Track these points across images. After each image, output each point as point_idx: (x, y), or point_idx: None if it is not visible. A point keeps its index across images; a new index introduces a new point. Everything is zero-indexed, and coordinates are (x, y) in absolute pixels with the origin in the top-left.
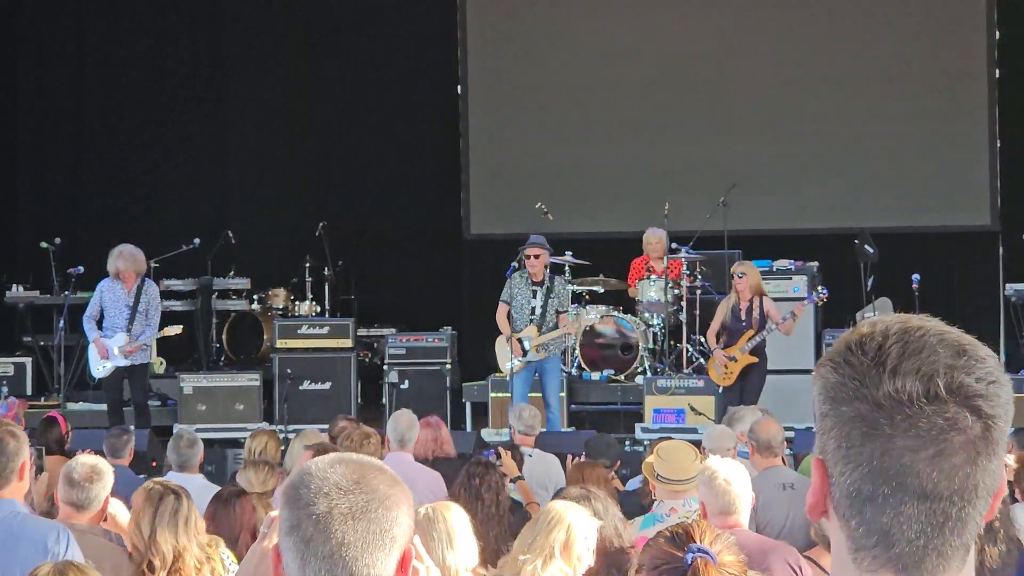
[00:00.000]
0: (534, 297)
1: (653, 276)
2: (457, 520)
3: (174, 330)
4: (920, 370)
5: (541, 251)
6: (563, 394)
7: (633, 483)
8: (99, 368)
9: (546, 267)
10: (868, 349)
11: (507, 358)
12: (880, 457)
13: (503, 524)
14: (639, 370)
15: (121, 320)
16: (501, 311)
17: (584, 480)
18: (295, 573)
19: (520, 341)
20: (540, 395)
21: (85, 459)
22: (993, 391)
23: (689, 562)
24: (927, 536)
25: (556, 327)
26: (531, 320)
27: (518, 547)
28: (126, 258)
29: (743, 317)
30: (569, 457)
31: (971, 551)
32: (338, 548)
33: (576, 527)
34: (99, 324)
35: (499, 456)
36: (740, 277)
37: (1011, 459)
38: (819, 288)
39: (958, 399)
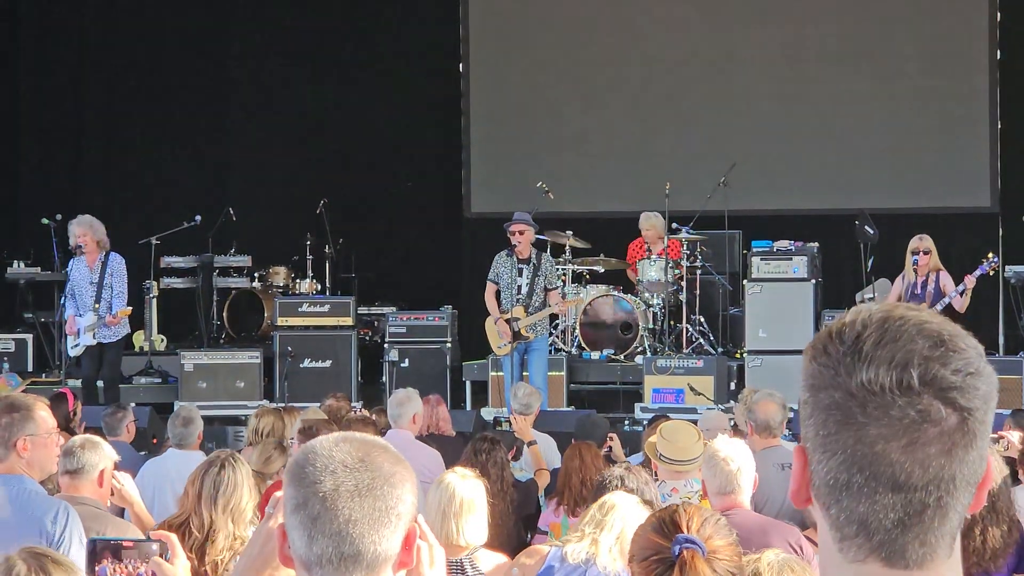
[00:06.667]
0: (520, 275)
1: (653, 256)
2: (475, 493)
3: (124, 311)
4: (894, 360)
5: (526, 227)
6: (561, 373)
7: (635, 458)
8: (71, 346)
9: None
10: (847, 338)
11: (497, 339)
12: (854, 445)
13: (507, 500)
14: (639, 350)
15: (87, 298)
16: (489, 291)
17: (582, 459)
18: (302, 551)
19: (508, 323)
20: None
21: (80, 435)
22: (970, 383)
23: (676, 553)
24: (905, 525)
25: (544, 305)
26: (518, 300)
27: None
28: (81, 222)
29: (919, 292)
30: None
31: (957, 540)
32: (345, 525)
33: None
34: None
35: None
36: (925, 254)
37: (1016, 437)
38: (991, 256)
39: (932, 390)
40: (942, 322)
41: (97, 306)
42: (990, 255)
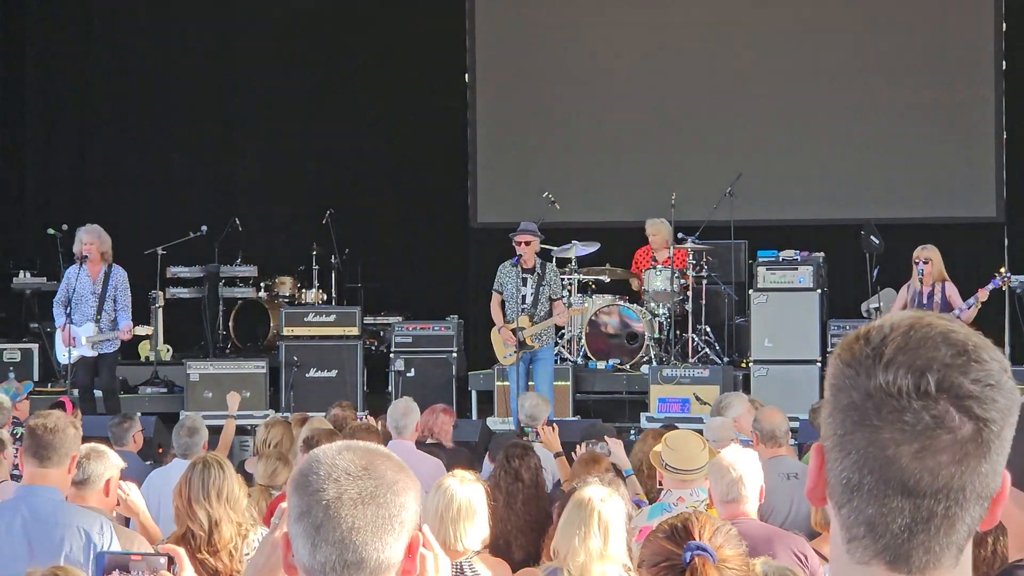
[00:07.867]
0: (524, 285)
1: (659, 266)
2: (474, 498)
3: (144, 330)
4: (913, 365)
5: (532, 238)
6: (567, 383)
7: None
8: (64, 355)
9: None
10: (872, 340)
11: (503, 349)
12: (866, 447)
13: (542, 504)
14: (645, 359)
15: (88, 309)
16: (494, 300)
17: (587, 470)
18: (305, 559)
19: (513, 331)
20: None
21: (86, 445)
22: (989, 394)
23: (688, 560)
24: (911, 531)
25: (550, 315)
26: (523, 309)
27: (566, 542)
28: (91, 231)
29: (925, 302)
30: (578, 446)
31: (966, 552)
32: (348, 533)
33: (620, 517)
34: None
35: (537, 434)
36: (926, 263)
37: None
38: (1003, 271)
39: (949, 397)
40: (969, 333)
41: (99, 317)
42: (1002, 269)
